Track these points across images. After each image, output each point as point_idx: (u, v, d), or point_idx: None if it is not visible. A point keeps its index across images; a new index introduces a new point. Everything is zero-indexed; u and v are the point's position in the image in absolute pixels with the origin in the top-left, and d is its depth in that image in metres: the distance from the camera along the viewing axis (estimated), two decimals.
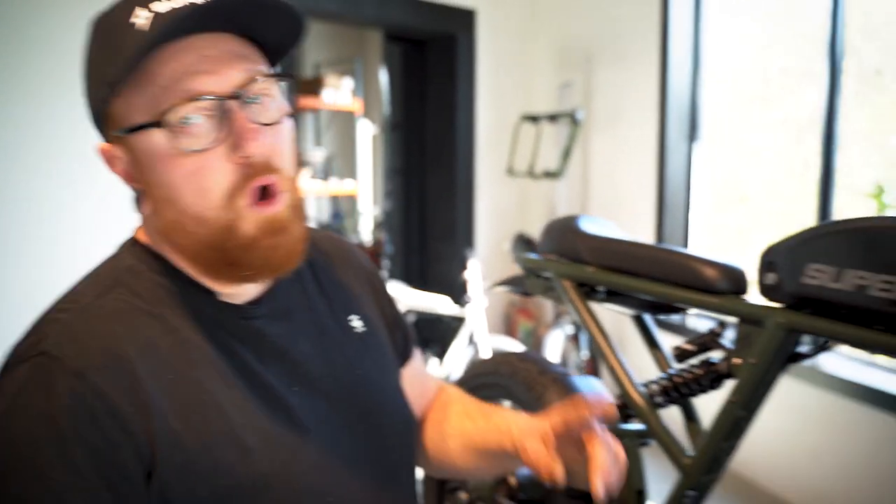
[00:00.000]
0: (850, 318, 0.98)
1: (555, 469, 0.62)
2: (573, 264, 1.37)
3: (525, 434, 0.67)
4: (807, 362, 2.26)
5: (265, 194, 0.64)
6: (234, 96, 0.62)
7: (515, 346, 3.14)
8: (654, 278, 1.23)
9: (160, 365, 0.62)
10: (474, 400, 0.91)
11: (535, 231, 3.10)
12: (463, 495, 1.49)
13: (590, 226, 1.38)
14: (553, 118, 3.29)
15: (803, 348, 1.12)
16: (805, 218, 2.52)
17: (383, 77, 4.25)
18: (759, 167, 2.88)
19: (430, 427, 0.91)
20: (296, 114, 3.69)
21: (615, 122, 3.29)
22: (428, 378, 0.95)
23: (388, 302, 0.88)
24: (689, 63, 2.99)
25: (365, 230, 3.92)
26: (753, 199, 2.96)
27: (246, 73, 0.63)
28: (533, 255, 1.49)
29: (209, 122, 0.62)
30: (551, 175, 3.27)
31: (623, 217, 3.26)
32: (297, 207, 0.67)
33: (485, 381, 1.49)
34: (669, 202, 3.05)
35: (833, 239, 1.00)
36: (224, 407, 0.63)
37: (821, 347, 1.11)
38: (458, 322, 3.25)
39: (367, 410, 0.74)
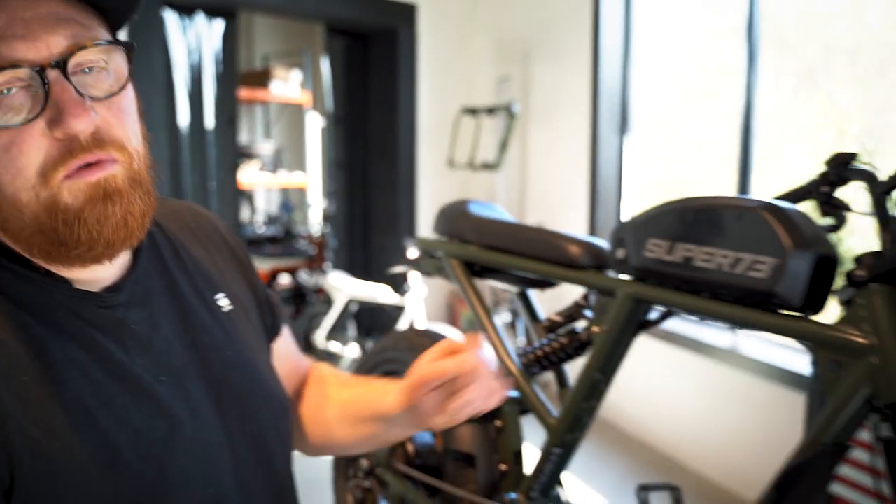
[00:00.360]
0: (682, 287, 1.09)
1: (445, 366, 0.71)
2: (459, 244, 1.47)
3: (414, 371, 0.75)
4: (725, 344, 2.41)
5: (91, 164, 0.57)
6: (55, 65, 0.54)
7: (454, 333, 3.24)
8: (528, 256, 1.33)
9: (12, 367, 0.55)
10: (349, 374, 0.92)
11: None
12: (364, 462, 1.58)
13: (477, 209, 1.48)
14: (491, 111, 3.38)
15: (653, 316, 1.22)
16: None
17: (326, 71, 4.31)
18: (700, 158, 2.99)
19: (307, 402, 0.90)
20: (236, 105, 3.70)
21: (551, 116, 3.40)
22: (299, 354, 0.94)
23: (255, 276, 0.85)
24: (620, 58, 3.10)
25: (314, 222, 3.99)
26: (695, 189, 3.09)
27: (70, 39, 0.55)
28: (427, 238, 1.59)
29: (24, 94, 0.54)
30: (490, 167, 3.37)
31: (559, 207, 3.37)
32: (138, 179, 0.60)
33: (386, 356, 1.58)
34: (602, 193, 3.17)
35: (667, 216, 1.10)
36: (89, 407, 0.57)
37: (666, 315, 1.22)
38: (398, 311, 3.34)
39: (238, 393, 0.71)
